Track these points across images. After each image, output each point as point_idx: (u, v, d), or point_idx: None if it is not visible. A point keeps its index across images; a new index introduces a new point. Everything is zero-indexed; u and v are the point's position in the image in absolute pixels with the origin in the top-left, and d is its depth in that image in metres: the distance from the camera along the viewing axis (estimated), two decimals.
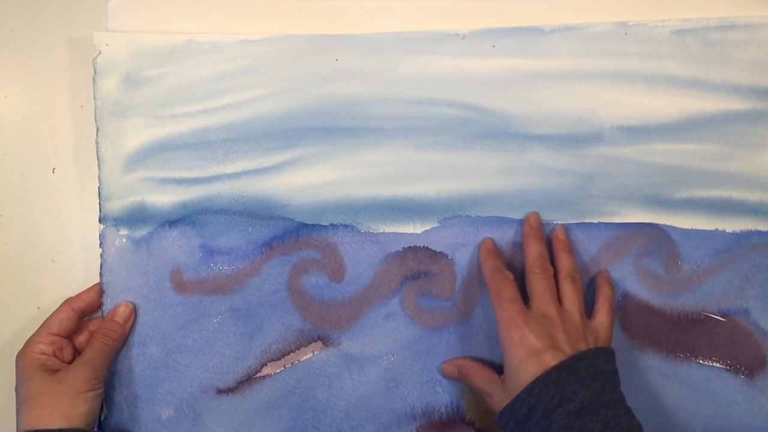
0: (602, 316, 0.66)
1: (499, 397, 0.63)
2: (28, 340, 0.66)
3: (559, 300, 0.66)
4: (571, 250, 0.69)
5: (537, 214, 0.70)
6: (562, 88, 0.70)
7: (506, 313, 0.63)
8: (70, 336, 0.68)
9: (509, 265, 0.69)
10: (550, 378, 0.58)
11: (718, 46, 0.70)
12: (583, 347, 0.61)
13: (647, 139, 0.70)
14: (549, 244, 0.70)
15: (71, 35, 0.74)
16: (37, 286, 0.72)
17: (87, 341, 0.69)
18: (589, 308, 0.67)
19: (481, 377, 0.66)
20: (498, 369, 0.66)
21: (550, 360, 0.59)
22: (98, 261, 0.70)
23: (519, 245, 0.70)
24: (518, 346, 0.61)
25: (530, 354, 0.60)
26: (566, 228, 0.70)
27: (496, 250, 0.70)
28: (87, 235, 0.72)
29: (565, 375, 0.58)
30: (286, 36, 0.71)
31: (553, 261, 0.68)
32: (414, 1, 0.73)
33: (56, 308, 0.68)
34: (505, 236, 0.70)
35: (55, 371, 0.65)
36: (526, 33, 0.70)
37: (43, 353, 0.66)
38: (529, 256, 0.68)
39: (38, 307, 0.72)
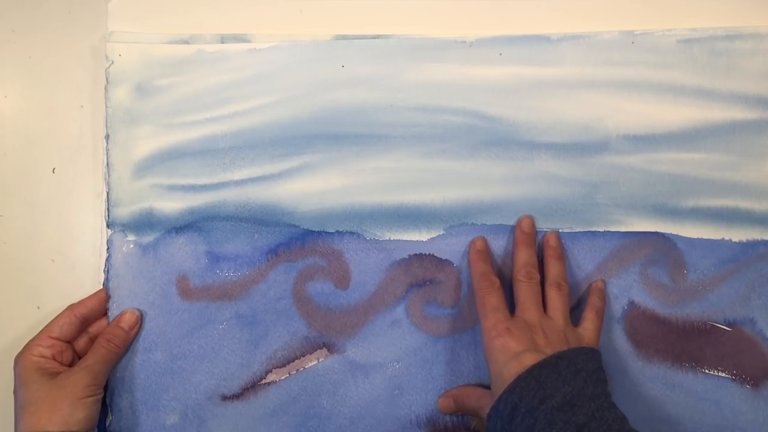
0: (588, 323, 0.66)
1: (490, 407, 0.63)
2: (28, 343, 0.66)
3: (544, 306, 0.66)
4: (562, 256, 0.69)
5: (530, 219, 0.70)
6: (569, 97, 0.70)
7: (489, 322, 0.64)
8: (70, 341, 0.68)
9: (501, 271, 0.69)
10: (530, 376, 0.58)
11: (725, 56, 0.70)
12: (564, 349, 0.62)
13: (654, 148, 0.70)
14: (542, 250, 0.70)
15: (71, 35, 0.73)
16: (37, 286, 0.72)
17: (87, 345, 0.69)
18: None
19: (474, 397, 0.66)
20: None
21: (530, 360, 0.59)
22: (99, 261, 0.70)
23: None
24: (499, 351, 0.62)
25: (510, 357, 0.61)
26: (559, 234, 0.70)
27: (486, 252, 0.70)
28: (87, 235, 0.72)
29: (546, 372, 0.58)
30: (293, 44, 0.71)
31: (543, 266, 0.69)
32: (414, 0, 0.73)
33: (58, 313, 0.68)
34: (510, 244, 0.70)
35: (54, 374, 0.64)
36: (533, 41, 0.70)
37: (42, 356, 0.65)
38: (516, 263, 0.68)
39: (38, 307, 0.72)
